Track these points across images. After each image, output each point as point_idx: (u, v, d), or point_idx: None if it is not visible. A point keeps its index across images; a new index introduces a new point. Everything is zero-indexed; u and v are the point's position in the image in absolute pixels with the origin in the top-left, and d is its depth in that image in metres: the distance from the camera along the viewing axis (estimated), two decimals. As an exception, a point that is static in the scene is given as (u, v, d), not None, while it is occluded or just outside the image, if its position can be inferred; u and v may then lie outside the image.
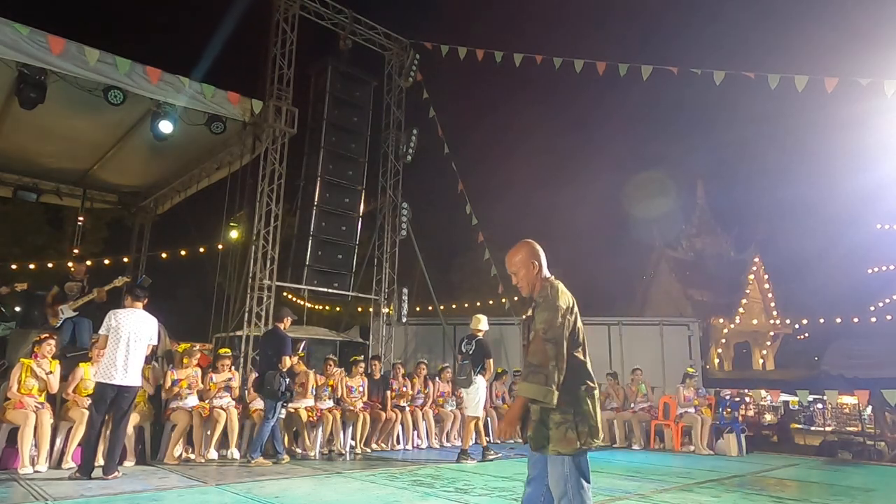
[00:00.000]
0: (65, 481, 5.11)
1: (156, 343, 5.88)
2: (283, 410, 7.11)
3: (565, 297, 2.72)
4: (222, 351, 7.52)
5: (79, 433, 5.83)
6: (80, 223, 12.61)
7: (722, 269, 23.39)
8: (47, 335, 6.14)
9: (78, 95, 7.78)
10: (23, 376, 5.76)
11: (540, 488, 2.77)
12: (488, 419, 9.75)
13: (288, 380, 6.70)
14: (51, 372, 5.91)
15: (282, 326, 7.04)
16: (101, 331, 5.49)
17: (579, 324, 2.74)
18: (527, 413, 2.69)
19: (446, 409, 9.27)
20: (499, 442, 8.68)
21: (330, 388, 7.94)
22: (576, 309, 2.75)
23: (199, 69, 8.90)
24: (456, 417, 9.21)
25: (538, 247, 2.91)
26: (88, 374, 6.12)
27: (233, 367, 7.51)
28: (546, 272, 2.86)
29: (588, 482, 2.60)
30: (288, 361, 6.79)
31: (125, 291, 6.03)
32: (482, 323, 7.75)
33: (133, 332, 5.45)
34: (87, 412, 5.89)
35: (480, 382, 7.43)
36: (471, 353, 7.47)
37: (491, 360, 7.59)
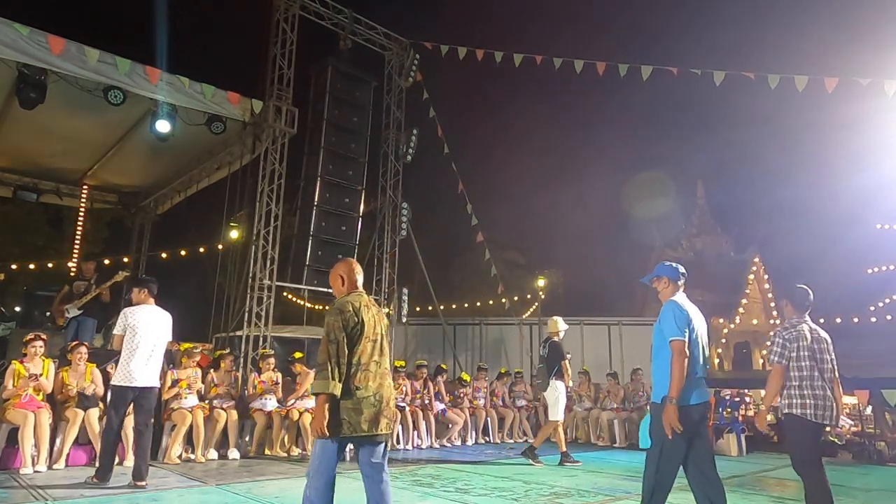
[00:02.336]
0: (65, 481, 5.11)
1: (170, 339, 5.65)
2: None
3: (352, 306, 3.14)
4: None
5: (72, 433, 5.83)
6: (79, 223, 12.60)
7: (722, 269, 23.37)
8: (33, 336, 6.09)
9: (78, 95, 7.78)
10: (16, 381, 5.76)
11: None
12: (488, 419, 9.77)
13: None
14: (41, 374, 5.89)
15: None
16: (117, 330, 5.21)
17: (366, 330, 3.14)
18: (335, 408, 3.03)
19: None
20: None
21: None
22: (366, 316, 3.17)
23: (200, 69, 8.90)
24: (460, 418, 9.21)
25: (352, 266, 3.35)
26: (68, 378, 6.09)
27: (233, 368, 7.51)
28: (356, 287, 3.30)
29: (332, 470, 3.08)
30: None
31: (133, 286, 5.75)
32: (559, 325, 7.56)
33: (154, 331, 5.24)
34: (80, 412, 5.90)
35: (559, 386, 7.30)
36: (545, 356, 7.35)
37: (566, 362, 7.44)
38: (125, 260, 13.31)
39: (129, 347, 5.12)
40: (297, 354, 8.14)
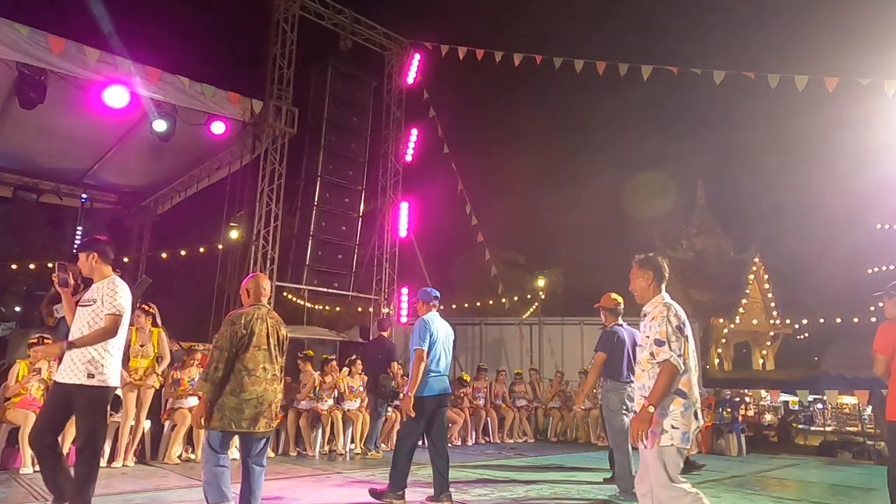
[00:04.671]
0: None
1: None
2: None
3: (244, 319, 3.57)
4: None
5: (69, 434, 5.83)
6: (79, 223, 12.61)
7: (722, 269, 23.35)
8: (37, 339, 6.09)
9: (78, 95, 7.78)
10: (20, 378, 5.75)
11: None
12: (488, 419, 9.77)
13: (393, 382, 7.61)
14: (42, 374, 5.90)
15: (386, 335, 8.04)
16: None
17: (256, 340, 3.57)
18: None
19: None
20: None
21: (331, 389, 7.93)
22: (258, 327, 3.59)
23: (200, 69, 8.91)
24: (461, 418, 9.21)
25: (258, 282, 3.77)
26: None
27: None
28: (259, 301, 3.73)
29: (221, 454, 3.59)
30: (396, 367, 7.83)
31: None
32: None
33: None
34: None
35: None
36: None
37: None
38: (125, 260, 13.30)
39: (118, 347, 4.01)
40: (310, 352, 8.22)
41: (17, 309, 10.76)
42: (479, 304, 22.23)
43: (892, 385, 3.95)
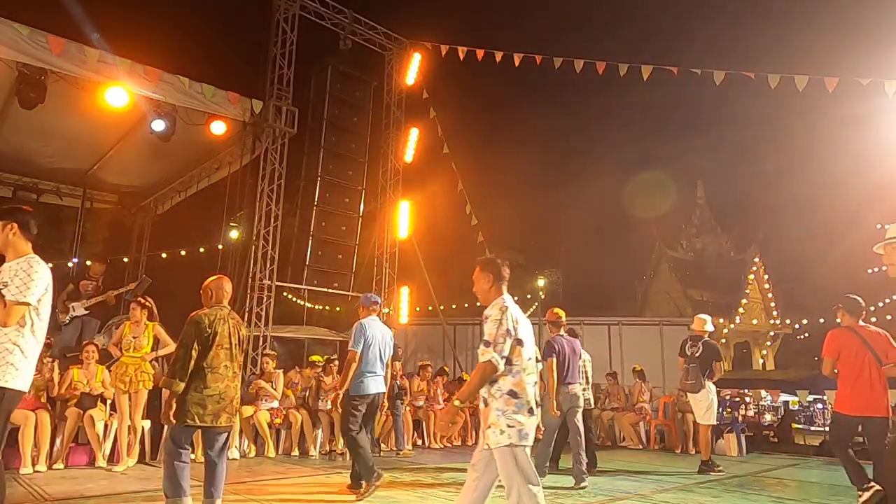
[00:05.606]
0: (65, 481, 5.11)
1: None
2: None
3: (208, 319, 3.81)
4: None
5: (71, 433, 5.84)
6: (79, 223, 12.61)
7: (722, 269, 23.38)
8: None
9: (78, 95, 7.78)
10: None
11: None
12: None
13: (398, 381, 7.91)
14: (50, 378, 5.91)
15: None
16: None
17: (219, 339, 3.80)
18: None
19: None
20: None
21: (332, 389, 7.89)
22: (220, 328, 3.83)
23: (200, 69, 8.90)
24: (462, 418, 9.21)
25: (220, 284, 4.03)
26: (78, 376, 6.08)
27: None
28: (221, 302, 3.97)
29: (182, 450, 3.78)
30: (398, 367, 8.13)
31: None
32: (707, 324, 7.10)
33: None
34: (80, 412, 5.92)
35: (711, 388, 6.86)
36: (697, 355, 6.85)
37: (721, 363, 7.02)
38: (125, 260, 13.31)
39: None
40: (316, 358, 8.28)
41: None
42: (479, 304, 22.20)
43: (841, 382, 4.67)
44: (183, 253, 15.05)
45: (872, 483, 4.31)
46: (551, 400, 5.65)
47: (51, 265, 3.12)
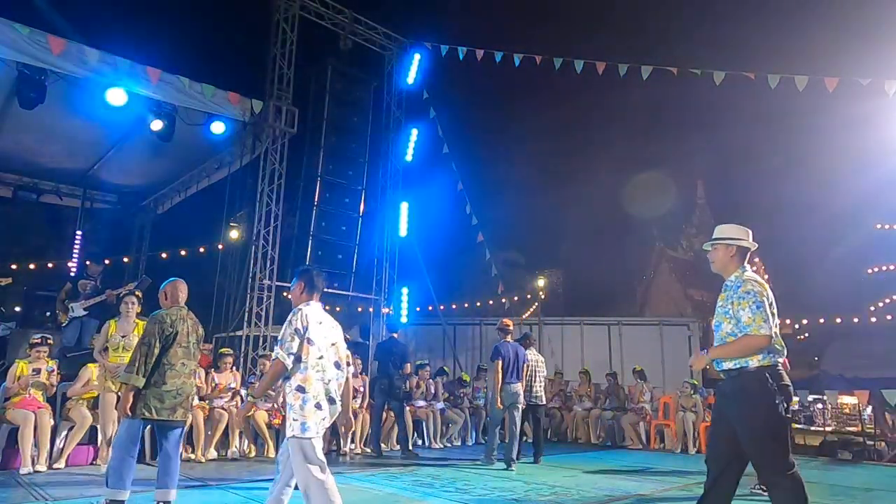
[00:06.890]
0: (65, 481, 5.11)
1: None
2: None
3: (170, 318, 4.01)
4: (223, 351, 7.53)
5: (78, 434, 5.83)
6: (79, 223, 12.60)
7: (722, 269, 23.35)
8: (39, 339, 6.07)
9: (78, 95, 7.78)
10: (17, 376, 5.74)
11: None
12: (488, 419, 9.76)
13: (406, 383, 8.16)
14: (51, 371, 5.90)
15: (396, 336, 8.33)
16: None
17: (179, 337, 4.00)
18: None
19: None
20: None
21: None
22: (180, 327, 4.04)
23: (200, 69, 8.90)
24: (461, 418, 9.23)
25: (176, 286, 4.23)
26: (95, 377, 6.09)
27: (234, 368, 7.50)
28: (177, 303, 4.19)
29: (133, 445, 3.89)
30: (409, 367, 8.39)
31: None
32: None
33: None
34: (87, 413, 5.91)
35: None
36: None
37: None
38: (125, 260, 13.31)
39: None
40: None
41: (17, 309, 10.74)
42: (478, 304, 22.24)
43: None
44: (183, 253, 15.06)
45: None
46: (496, 396, 6.61)
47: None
